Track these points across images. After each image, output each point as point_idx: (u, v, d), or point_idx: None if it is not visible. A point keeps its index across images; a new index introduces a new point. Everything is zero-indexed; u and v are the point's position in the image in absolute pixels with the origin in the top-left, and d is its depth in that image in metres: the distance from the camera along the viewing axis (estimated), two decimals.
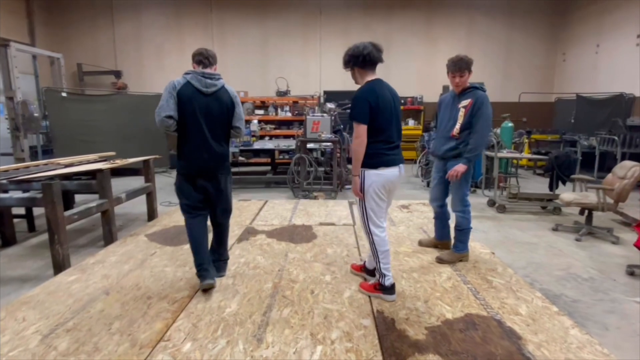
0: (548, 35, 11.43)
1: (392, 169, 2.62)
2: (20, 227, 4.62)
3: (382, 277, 2.66)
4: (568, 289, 3.16)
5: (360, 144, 2.50)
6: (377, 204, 2.61)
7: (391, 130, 2.62)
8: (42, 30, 10.67)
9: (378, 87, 2.55)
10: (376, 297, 2.70)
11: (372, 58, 2.55)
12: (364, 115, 2.48)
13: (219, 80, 2.83)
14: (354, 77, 2.68)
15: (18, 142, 8.08)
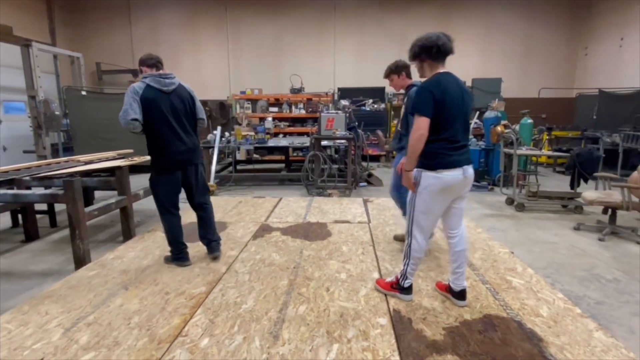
0: (569, 28, 11.11)
1: (454, 172, 2.32)
2: (42, 223, 4.74)
3: (404, 278, 2.57)
4: (591, 290, 3.07)
5: (420, 138, 2.25)
6: (428, 209, 2.38)
7: (456, 129, 2.33)
8: (62, 31, 10.93)
9: (446, 80, 2.32)
10: (392, 295, 2.63)
11: (446, 49, 2.32)
12: (427, 107, 2.25)
13: (174, 78, 3.07)
14: (421, 70, 2.45)
15: (40, 139, 8.30)
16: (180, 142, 3.04)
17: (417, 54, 2.39)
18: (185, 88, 3.11)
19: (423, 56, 2.37)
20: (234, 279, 2.95)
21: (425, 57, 2.37)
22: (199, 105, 3.20)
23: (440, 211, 2.44)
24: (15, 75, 8.78)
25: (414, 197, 2.42)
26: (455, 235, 2.50)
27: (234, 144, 7.50)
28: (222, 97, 11.43)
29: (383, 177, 7.88)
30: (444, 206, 2.43)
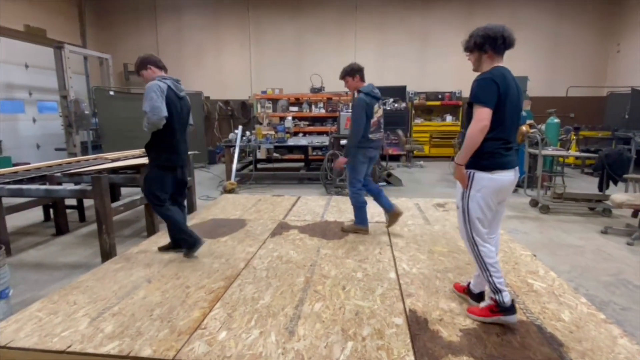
0: (600, 24, 10.69)
1: (508, 173, 2.22)
2: (72, 218, 4.96)
3: (498, 293, 2.22)
4: (617, 296, 2.96)
5: (482, 130, 2.08)
6: (483, 213, 2.23)
7: (512, 128, 2.24)
8: (92, 33, 11.36)
9: (507, 74, 2.18)
10: (495, 321, 2.26)
11: (511, 41, 2.20)
12: (491, 98, 2.09)
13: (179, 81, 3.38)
14: (477, 62, 2.29)
15: (71, 138, 8.67)
16: (185, 144, 3.38)
17: (479, 45, 2.21)
18: (187, 96, 3.44)
19: (486, 47, 2.20)
20: (252, 274, 3.01)
21: (488, 48, 2.20)
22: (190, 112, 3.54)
23: (493, 214, 2.29)
24: (48, 76, 9.21)
25: (466, 202, 2.25)
26: (492, 239, 2.35)
27: (254, 143, 7.62)
28: (243, 97, 11.62)
29: (402, 176, 7.82)
30: (495, 209, 2.29)
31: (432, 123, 11.00)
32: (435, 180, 7.96)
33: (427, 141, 10.80)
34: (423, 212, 4.88)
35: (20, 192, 3.67)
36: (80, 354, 2.06)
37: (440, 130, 10.82)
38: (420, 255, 3.40)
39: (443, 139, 10.72)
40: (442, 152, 10.63)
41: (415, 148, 9.94)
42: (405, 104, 10.56)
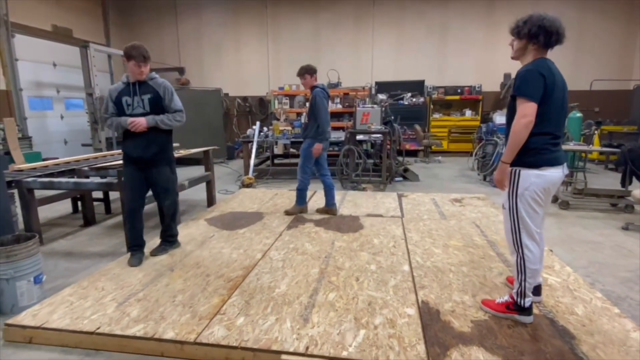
0: (626, 15, 10.29)
1: (557, 169, 2.15)
2: (98, 210, 5.17)
3: (522, 297, 2.24)
4: (635, 292, 2.93)
5: (527, 125, 2.03)
6: (534, 211, 2.16)
7: (559, 121, 2.17)
8: (115, 32, 11.69)
9: (553, 67, 2.12)
10: (509, 317, 2.30)
11: (562, 40, 2.14)
12: (536, 91, 2.03)
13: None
14: (520, 51, 2.20)
15: (96, 134, 8.98)
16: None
17: (533, 34, 2.10)
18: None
19: (540, 38, 2.10)
20: (269, 265, 3.11)
21: (541, 40, 2.10)
22: None
23: (543, 212, 2.22)
24: (74, 74, 9.56)
25: (514, 202, 2.18)
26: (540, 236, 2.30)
27: (271, 139, 7.73)
28: (261, 93, 11.75)
29: (420, 172, 7.79)
30: (545, 206, 2.22)
31: (450, 118, 10.87)
32: (454, 176, 7.90)
33: (446, 136, 10.69)
34: (439, 207, 4.88)
35: (51, 184, 3.88)
36: (108, 335, 2.21)
37: (459, 125, 10.68)
38: (434, 249, 3.44)
39: (462, 134, 10.58)
40: (460, 147, 10.50)
41: (433, 143, 9.86)
42: (423, 99, 10.45)
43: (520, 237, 2.21)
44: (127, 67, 3.08)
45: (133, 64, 3.02)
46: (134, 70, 3.05)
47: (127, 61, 3.04)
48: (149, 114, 3.11)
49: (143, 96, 3.11)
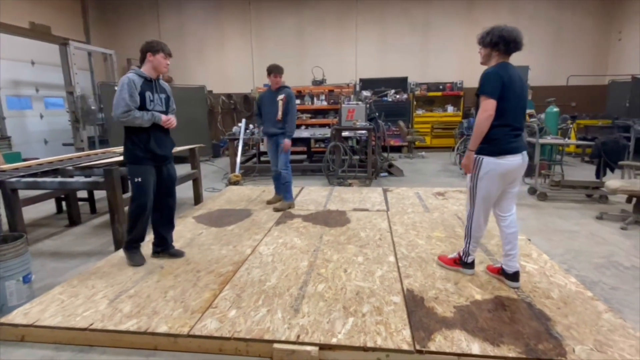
0: (601, 12, 10.65)
1: (515, 157, 2.49)
2: (83, 210, 5.13)
3: (466, 255, 2.81)
4: (607, 277, 3.10)
5: (487, 119, 2.40)
6: (488, 193, 2.56)
7: (518, 115, 2.51)
8: (95, 29, 11.46)
9: (511, 69, 2.49)
10: (455, 270, 2.86)
11: (518, 46, 2.49)
12: (495, 89, 2.39)
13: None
14: (487, 57, 2.59)
15: (78, 133, 8.83)
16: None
17: (495, 43, 2.48)
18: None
19: (500, 46, 2.47)
20: (258, 260, 3.17)
21: (501, 48, 2.48)
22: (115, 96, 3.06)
23: (497, 194, 2.60)
24: (53, 72, 9.35)
25: (474, 183, 2.58)
26: (507, 218, 2.67)
27: (257, 136, 7.75)
28: (246, 90, 11.71)
29: (404, 167, 7.94)
30: (501, 189, 2.59)
31: (433, 114, 11.06)
32: (437, 171, 8.07)
33: (429, 132, 10.87)
34: (423, 201, 5.02)
35: (35, 184, 3.83)
36: (102, 330, 2.24)
37: (441, 121, 10.88)
38: (418, 241, 3.55)
39: (444, 129, 10.79)
40: (443, 142, 10.71)
41: (416, 139, 10.03)
42: (406, 95, 10.62)
43: (474, 211, 2.68)
44: (150, 61, 2.99)
45: (162, 57, 3.01)
46: (162, 63, 3.02)
47: (153, 55, 2.97)
48: (166, 113, 3.14)
49: (161, 94, 3.11)
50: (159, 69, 3.04)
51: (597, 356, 1.93)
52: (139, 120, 2.92)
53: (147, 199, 3.09)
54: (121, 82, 2.90)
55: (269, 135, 4.76)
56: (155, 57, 2.98)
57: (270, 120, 4.67)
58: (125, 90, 2.86)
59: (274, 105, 4.62)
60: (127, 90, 2.86)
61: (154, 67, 3.02)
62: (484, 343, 2.03)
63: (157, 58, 2.99)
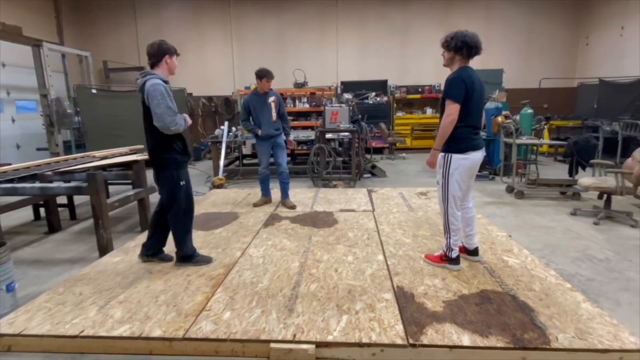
0: (570, 18, 11.18)
1: (477, 153, 2.77)
2: (62, 216, 4.99)
3: (450, 250, 2.92)
4: (583, 269, 3.27)
5: (451, 122, 2.64)
6: (460, 187, 2.79)
7: (478, 116, 2.76)
8: (69, 30, 11.14)
9: (472, 73, 2.70)
10: (442, 267, 2.96)
11: (478, 51, 2.69)
12: (459, 95, 2.61)
13: (144, 77, 2.88)
14: (450, 60, 2.77)
15: (53, 137, 8.56)
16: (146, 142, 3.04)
17: (458, 47, 2.67)
18: (145, 87, 2.81)
19: (463, 51, 2.67)
20: (249, 262, 3.18)
21: (464, 52, 2.67)
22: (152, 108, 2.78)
23: (466, 187, 2.86)
24: (25, 74, 9.03)
25: (446, 179, 2.79)
26: (467, 206, 2.99)
27: (240, 139, 7.72)
28: (227, 93, 11.65)
29: (386, 168, 8.07)
30: (467, 183, 2.84)
31: (413, 116, 11.30)
32: (418, 171, 8.25)
33: (409, 134, 11.10)
34: (407, 200, 5.13)
35: (14, 190, 3.72)
36: (93, 337, 2.20)
37: (421, 122, 11.13)
38: (405, 239, 3.64)
39: (424, 131, 11.04)
40: (423, 144, 10.95)
41: (397, 140, 10.22)
42: (387, 98, 10.80)
43: (448, 205, 2.85)
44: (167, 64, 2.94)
45: (176, 58, 2.99)
46: (176, 65, 3.00)
47: (170, 57, 2.94)
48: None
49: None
50: (173, 70, 3.01)
51: (579, 343, 2.04)
52: (182, 126, 2.89)
53: (192, 200, 3.13)
54: (155, 89, 2.75)
55: (266, 137, 4.75)
56: (172, 59, 2.95)
57: (267, 123, 4.70)
58: (166, 97, 2.78)
59: (267, 108, 4.69)
60: (168, 97, 2.79)
61: (170, 69, 2.97)
62: (473, 335, 2.11)
63: (173, 60, 2.96)
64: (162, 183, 3.01)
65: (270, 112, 4.70)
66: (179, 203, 3.02)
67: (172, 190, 3.00)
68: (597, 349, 2.00)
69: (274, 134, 4.77)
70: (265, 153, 4.84)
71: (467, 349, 2.02)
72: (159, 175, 3.01)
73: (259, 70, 4.63)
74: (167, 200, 3.03)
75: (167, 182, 2.99)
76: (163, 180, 3.00)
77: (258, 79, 4.62)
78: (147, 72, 2.89)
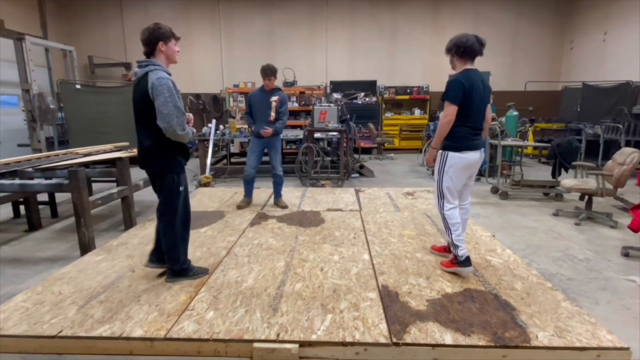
0: (555, 23, 11.39)
1: (475, 153, 2.81)
2: (43, 214, 4.87)
3: (455, 248, 2.84)
4: (564, 269, 3.34)
5: (448, 123, 2.72)
6: (452, 184, 2.84)
7: (477, 117, 2.80)
8: (53, 24, 10.89)
9: (473, 75, 2.74)
10: (453, 271, 2.88)
11: (473, 51, 2.75)
12: (457, 97, 2.67)
13: (144, 67, 2.51)
14: (452, 63, 2.88)
15: (35, 133, 8.36)
16: (137, 143, 2.67)
17: (449, 49, 2.83)
18: (147, 80, 2.44)
19: (453, 52, 2.79)
20: (234, 261, 3.16)
21: (454, 53, 2.79)
22: (157, 105, 2.42)
23: (461, 186, 2.89)
24: (7, 69, 8.79)
25: (441, 176, 2.85)
26: (464, 206, 3.04)
27: (228, 137, 7.66)
28: (215, 91, 11.54)
29: (374, 168, 8.11)
30: (464, 181, 2.89)
31: (401, 117, 11.37)
32: (405, 172, 8.31)
33: (397, 134, 11.17)
34: (393, 200, 5.16)
35: None
36: (72, 337, 2.15)
37: (409, 123, 11.21)
38: (391, 239, 3.66)
39: (412, 132, 11.12)
40: (411, 144, 11.03)
41: (385, 141, 10.27)
42: (375, 98, 10.85)
43: (443, 201, 2.90)
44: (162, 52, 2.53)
45: (174, 44, 2.57)
46: (175, 52, 2.59)
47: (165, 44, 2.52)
48: None
49: None
50: (172, 58, 2.60)
51: (558, 341, 2.08)
52: (188, 137, 2.59)
53: (190, 207, 2.86)
54: (162, 84, 2.40)
55: (259, 135, 4.64)
56: (168, 45, 2.53)
57: (263, 121, 4.59)
58: (174, 95, 2.44)
59: (267, 107, 4.58)
60: (177, 95, 2.46)
61: (168, 57, 2.57)
62: (455, 333, 2.13)
63: (170, 47, 2.54)
64: (158, 188, 2.70)
65: (269, 110, 4.58)
66: (176, 211, 2.73)
67: (171, 196, 2.70)
68: (575, 346, 2.04)
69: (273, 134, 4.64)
70: (255, 151, 4.73)
71: (450, 348, 2.04)
72: (156, 180, 2.68)
73: (262, 68, 4.54)
74: (164, 207, 2.72)
75: (165, 187, 2.67)
76: (161, 185, 2.68)
77: (263, 77, 4.54)
78: (148, 61, 2.52)
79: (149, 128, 2.53)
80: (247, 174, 4.79)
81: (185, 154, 2.74)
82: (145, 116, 2.51)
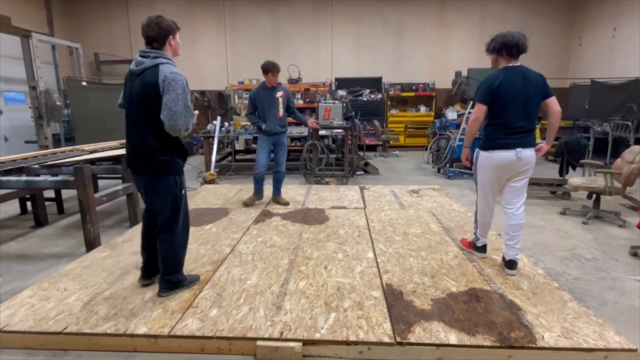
0: (564, 19, 11.22)
1: (506, 152, 2.70)
2: (50, 210, 4.90)
3: (476, 239, 3.14)
4: (571, 268, 3.29)
5: (474, 121, 2.77)
6: (482, 182, 2.90)
7: (512, 115, 2.67)
8: (60, 21, 10.94)
9: (509, 73, 2.68)
10: (469, 252, 3.20)
11: (524, 49, 2.71)
12: (485, 96, 2.68)
13: (154, 58, 2.33)
14: (495, 62, 2.80)
15: (41, 130, 8.42)
16: (128, 141, 2.50)
17: (497, 49, 2.72)
18: (157, 72, 2.28)
19: (503, 52, 2.71)
20: (238, 258, 3.16)
21: (504, 53, 2.71)
22: (165, 100, 2.26)
23: (493, 185, 2.87)
24: (14, 65, 8.85)
25: (475, 173, 2.95)
26: (509, 210, 2.89)
27: (233, 134, 7.66)
28: (220, 88, 11.54)
29: (379, 165, 8.07)
30: (496, 181, 2.84)
31: (406, 114, 11.30)
32: (410, 169, 8.26)
33: (403, 131, 11.10)
34: (398, 198, 5.13)
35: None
36: (76, 334, 2.17)
37: (414, 120, 11.13)
38: (395, 237, 3.64)
39: (417, 129, 11.04)
40: (416, 141, 10.95)
41: (391, 138, 10.22)
42: (381, 95, 10.78)
43: (477, 198, 3.01)
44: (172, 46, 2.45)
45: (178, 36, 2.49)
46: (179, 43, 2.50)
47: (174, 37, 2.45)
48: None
49: None
50: (177, 51, 2.51)
51: (564, 342, 2.05)
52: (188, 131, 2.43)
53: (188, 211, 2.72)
54: (177, 80, 2.27)
55: (270, 133, 4.59)
56: (176, 38, 2.46)
57: (272, 118, 4.55)
58: (187, 94, 2.32)
59: (274, 103, 4.54)
60: (188, 94, 2.34)
61: (174, 50, 2.48)
62: (460, 333, 2.11)
63: (177, 40, 2.47)
64: (159, 192, 2.47)
65: (277, 107, 4.55)
66: (180, 216, 2.54)
67: (174, 200, 2.49)
68: (582, 348, 2.02)
69: (279, 131, 4.62)
70: (265, 149, 4.67)
71: (454, 347, 2.02)
72: (154, 182, 2.47)
73: (264, 64, 4.49)
74: (170, 213, 2.48)
75: (167, 190, 2.47)
76: (161, 189, 2.46)
77: (264, 73, 4.48)
78: (158, 52, 2.36)
79: (152, 124, 2.34)
80: (257, 172, 4.73)
81: (184, 155, 2.58)
82: (149, 111, 2.32)
